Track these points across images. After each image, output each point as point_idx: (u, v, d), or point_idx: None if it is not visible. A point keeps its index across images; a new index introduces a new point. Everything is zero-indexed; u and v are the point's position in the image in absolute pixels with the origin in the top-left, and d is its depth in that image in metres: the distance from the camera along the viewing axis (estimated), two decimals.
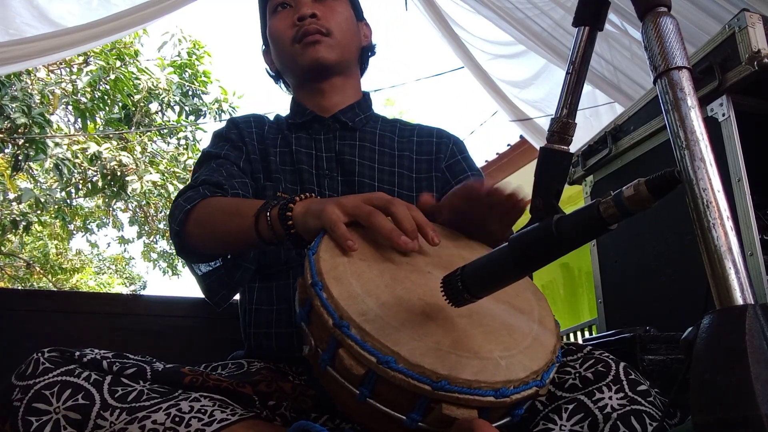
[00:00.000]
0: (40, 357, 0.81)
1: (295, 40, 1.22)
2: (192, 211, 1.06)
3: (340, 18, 1.25)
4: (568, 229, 0.58)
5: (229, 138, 1.25)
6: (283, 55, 1.27)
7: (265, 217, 0.93)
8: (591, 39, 0.66)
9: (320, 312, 0.73)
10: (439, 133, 1.33)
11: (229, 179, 1.14)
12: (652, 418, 0.79)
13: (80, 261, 11.90)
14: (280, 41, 1.25)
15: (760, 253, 1.23)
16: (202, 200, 1.07)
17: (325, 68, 1.24)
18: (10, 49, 2.53)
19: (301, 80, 1.29)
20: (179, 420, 0.76)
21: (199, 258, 1.13)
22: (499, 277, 0.66)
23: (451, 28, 3.45)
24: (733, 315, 0.47)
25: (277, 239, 0.93)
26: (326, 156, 1.23)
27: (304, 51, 1.22)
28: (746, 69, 1.26)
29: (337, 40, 1.23)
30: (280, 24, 1.24)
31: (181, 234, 1.07)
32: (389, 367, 0.67)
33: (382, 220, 0.81)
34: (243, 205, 1.02)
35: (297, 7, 1.24)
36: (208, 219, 1.05)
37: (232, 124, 1.29)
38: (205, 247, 1.08)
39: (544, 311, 0.85)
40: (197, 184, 1.12)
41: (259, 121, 1.31)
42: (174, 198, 1.14)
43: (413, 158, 1.27)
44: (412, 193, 1.23)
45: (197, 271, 1.16)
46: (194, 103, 7.45)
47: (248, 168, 1.21)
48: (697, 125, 0.52)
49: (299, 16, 1.21)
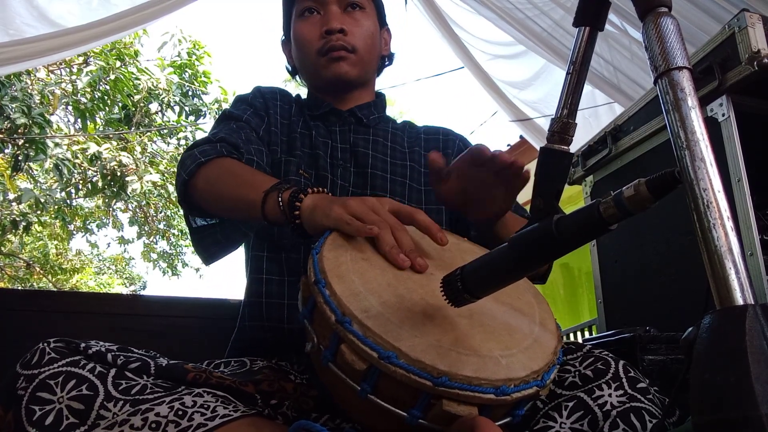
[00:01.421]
0: (45, 347, 0.81)
1: (320, 52, 1.22)
2: (205, 165, 1.06)
3: (366, 33, 1.26)
4: (568, 229, 0.58)
5: (253, 104, 1.25)
6: (306, 62, 1.27)
7: (275, 197, 0.93)
8: (591, 39, 0.66)
9: (323, 309, 0.73)
10: (445, 132, 1.37)
11: (246, 144, 1.13)
12: (652, 415, 0.80)
13: (80, 261, 11.90)
14: (305, 49, 1.25)
15: (760, 253, 1.23)
16: (217, 157, 1.07)
17: (346, 83, 1.26)
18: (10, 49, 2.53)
19: (318, 85, 1.31)
20: (182, 414, 0.76)
21: (198, 212, 1.13)
22: (499, 277, 0.66)
23: (451, 29, 3.45)
24: (733, 315, 0.47)
25: (281, 222, 0.93)
26: (341, 147, 1.25)
27: (328, 65, 1.23)
28: (746, 69, 1.26)
29: (360, 57, 1.25)
30: (307, 31, 1.24)
31: (188, 184, 1.06)
32: (390, 362, 0.68)
33: (386, 236, 0.83)
34: (256, 177, 1.02)
35: (326, 16, 1.23)
36: (218, 179, 1.04)
37: (258, 93, 1.29)
38: (207, 205, 1.08)
39: (545, 313, 0.86)
40: (215, 140, 1.11)
41: (285, 97, 1.32)
42: (187, 148, 1.13)
43: (422, 153, 1.31)
44: (422, 187, 1.25)
45: (192, 223, 1.16)
46: (194, 104, 7.44)
47: (266, 138, 1.21)
48: (697, 125, 0.52)
49: (328, 29, 1.21)
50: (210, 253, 1.16)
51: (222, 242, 1.15)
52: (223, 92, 7.58)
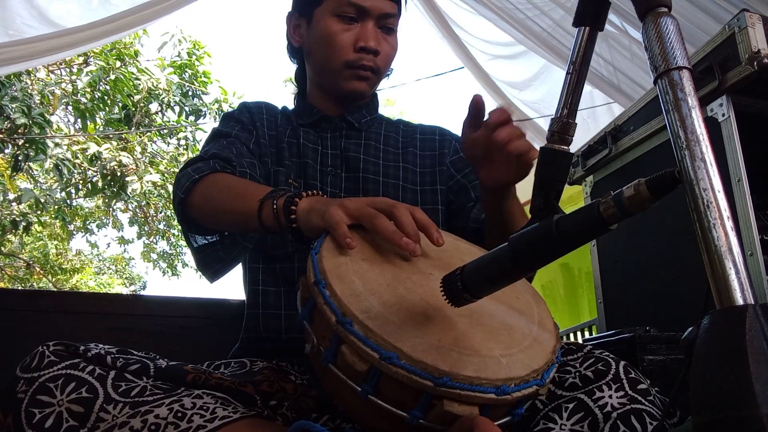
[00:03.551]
0: (45, 350, 0.81)
1: (349, 65, 1.20)
2: (199, 182, 1.06)
3: (391, 56, 1.25)
4: (568, 229, 0.58)
5: (240, 120, 1.25)
6: (327, 64, 1.22)
7: (270, 205, 0.93)
8: (591, 39, 0.66)
9: (323, 309, 0.73)
10: (441, 131, 1.36)
11: (238, 158, 1.14)
12: (652, 417, 0.79)
13: (80, 261, 11.90)
14: (333, 53, 1.20)
15: (760, 253, 1.23)
16: (211, 173, 1.07)
17: (358, 97, 1.26)
18: (10, 49, 2.53)
19: (327, 87, 1.27)
20: (181, 415, 0.77)
21: (197, 229, 1.13)
22: (498, 276, 0.66)
23: (450, 29, 3.45)
24: (733, 315, 0.47)
25: (278, 229, 0.93)
26: (332, 153, 1.24)
27: (350, 80, 1.21)
28: (746, 69, 1.26)
29: (379, 77, 1.25)
30: (343, 38, 1.19)
31: (185, 202, 1.07)
32: (391, 363, 0.68)
33: (384, 223, 0.81)
34: (250, 187, 1.02)
35: (363, 31, 1.19)
36: (214, 194, 1.05)
37: (245, 108, 1.29)
38: (205, 220, 1.09)
39: (543, 313, 0.86)
40: (207, 157, 1.12)
41: (271, 110, 1.31)
42: (180, 168, 1.13)
43: (417, 153, 1.30)
44: (417, 187, 1.25)
45: (193, 243, 1.16)
46: (194, 104, 7.45)
47: (257, 151, 1.22)
48: (697, 125, 0.52)
49: (365, 47, 1.18)
50: (214, 270, 1.16)
51: (224, 258, 1.15)
52: (223, 92, 7.59)
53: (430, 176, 1.27)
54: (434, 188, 1.26)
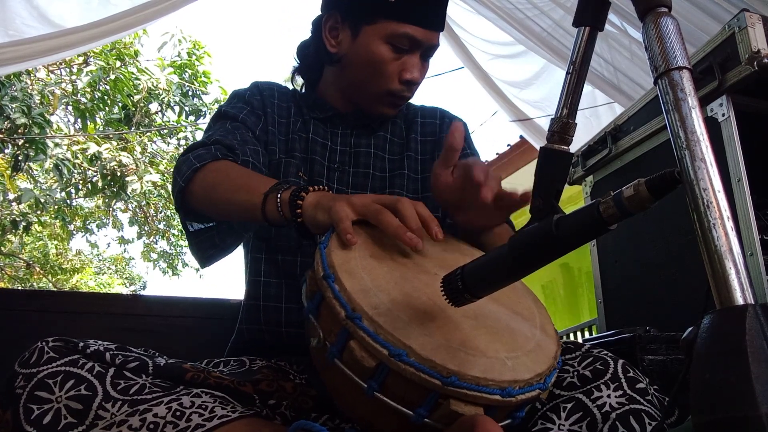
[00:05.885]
0: (44, 346, 0.81)
1: (391, 93, 1.18)
2: (200, 171, 1.04)
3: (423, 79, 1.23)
4: (568, 229, 0.58)
5: (250, 102, 1.22)
6: (366, 86, 1.19)
7: (275, 198, 0.92)
8: (591, 39, 0.66)
9: (332, 304, 0.73)
10: (441, 114, 1.35)
11: (242, 145, 1.12)
12: (651, 417, 0.79)
13: (80, 261, 11.90)
14: (376, 80, 1.17)
15: (760, 253, 1.23)
16: (212, 161, 1.05)
17: (385, 119, 1.27)
18: (10, 49, 2.53)
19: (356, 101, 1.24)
20: (180, 414, 0.76)
21: (195, 217, 1.12)
22: (499, 276, 0.66)
23: (451, 28, 3.44)
24: (734, 315, 0.47)
25: (283, 222, 0.92)
26: (341, 150, 1.23)
27: (386, 106, 1.21)
28: (746, 69, 1.26)
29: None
30: (390, 68, 1.16)
31: (184, 191, 1.05)
32: (401, 360, 0.67)
33: (389, 218, 0.81)
34: (253, 179, 1.00)
35: (411, 63, 1.16)
36: (215, 184, 1.03)
37: (256, 89, 1.26)
38: (205, 210, 1.07)
39: (544, 318, 0.86)
40: (209, 143, 1.10)
41: (283, 95, 1.28)
42: (182, 152, 1.11)
43: (418, 140, 1.29)
44: (418, 175, 1.25)
45: (189, 227, 1.15)
46: (194, 104, 7.45)
47: (264, 138, 1.19)
48: (697, 125, 0.52)
49: (411, 80, 1.17)
50: (207, 255, 1.16)
51: (219, 245, 1.14)
52: (224, 92, 7.58)
53: (431, 162, 1.25)
54: None
